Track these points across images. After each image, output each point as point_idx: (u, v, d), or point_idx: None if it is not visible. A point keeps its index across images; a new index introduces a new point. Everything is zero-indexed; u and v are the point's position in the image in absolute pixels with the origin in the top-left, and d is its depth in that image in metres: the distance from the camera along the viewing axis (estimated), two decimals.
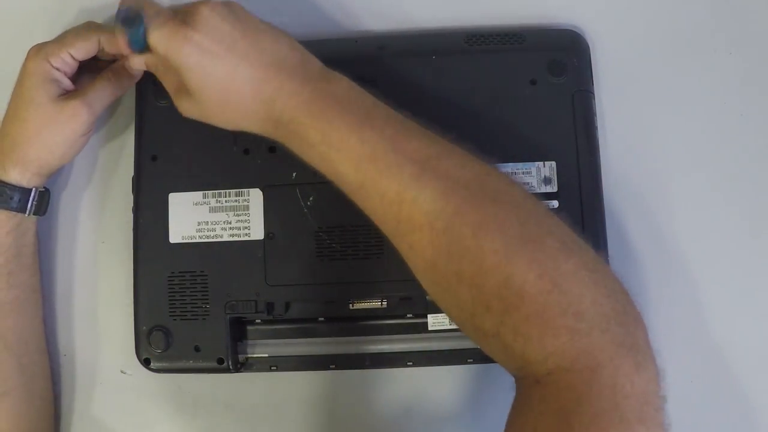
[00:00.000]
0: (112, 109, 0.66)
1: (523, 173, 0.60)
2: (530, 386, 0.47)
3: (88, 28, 0.61)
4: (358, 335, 0.61)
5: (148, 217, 0.62)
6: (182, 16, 0.53)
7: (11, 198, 0.60)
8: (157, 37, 0.52)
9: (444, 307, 0.51)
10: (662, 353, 0.62)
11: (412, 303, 0.60)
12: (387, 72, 0.61)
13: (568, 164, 0.60)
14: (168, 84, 0.56)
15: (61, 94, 0.60)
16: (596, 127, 0.61)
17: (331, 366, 0.61)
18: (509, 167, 0.60)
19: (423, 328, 0.60)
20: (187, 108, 0.55)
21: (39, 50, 0.60)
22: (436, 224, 0.48)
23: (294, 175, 0.61)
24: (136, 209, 0.62)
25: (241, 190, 0.61)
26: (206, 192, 0.61)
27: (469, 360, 0.61)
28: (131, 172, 0.62)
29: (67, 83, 0.60)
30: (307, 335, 0.61)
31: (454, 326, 0.60)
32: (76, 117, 0.60)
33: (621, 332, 0.46)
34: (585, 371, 0.45)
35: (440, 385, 0.63)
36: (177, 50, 0.52)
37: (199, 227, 0.61)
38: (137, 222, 0.62)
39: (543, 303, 0.46)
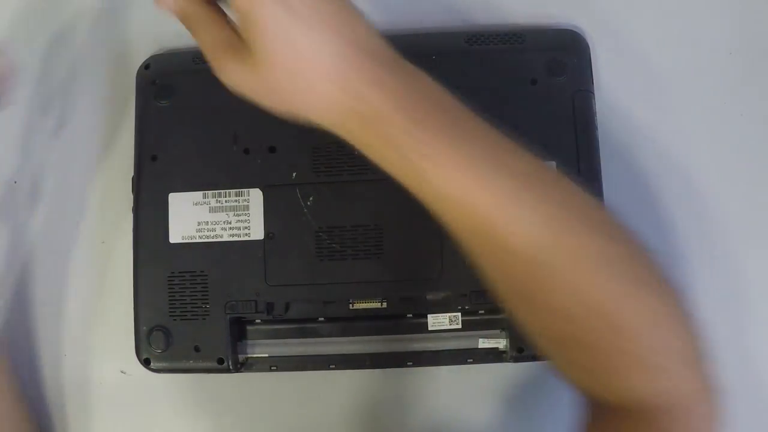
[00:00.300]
0: (112, 109, 0.66)
1: None
2: (612, 417, 0.46)
3: None
4: (358, 335, 0.61)
5: (148, 217, 0.61)
6: None
7: None
8: None
9: (524, 324, 0.47)
10: None
11: (412, 303, 0.60)
12: None
13: (567, 164, 0.60)
14: (211, 41, 0.46)
15: None
16: (596, 127, 0.61)
17: (331, 366, 0.61)
18: None
19: (423, 328, 0.60)
20: (238, 75, 0.45)
21: None
22: (531, 250, 0.43)
23: (294, 175, 0.61)
24: (136, 209, 0.62)
25: (241, 190, 0.61)
26: (206, 192, 0.61)
27: (469, 360, 0.61)
28: (131, 172, 0.62)
29: None
30: (307, 335, 0.61)
31: (454, 326, 0.60)
32: None
33: (706, 375, 0.45)
34: (673, 411, 0.44)
35: (440, 385, 0.63)
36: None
37: (199, 227, 0.61)
38: (137, 222, 0.62)
39: (640, 340, 0.44)
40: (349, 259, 0.60)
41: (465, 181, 0.44)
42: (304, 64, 0.43)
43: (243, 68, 0.45)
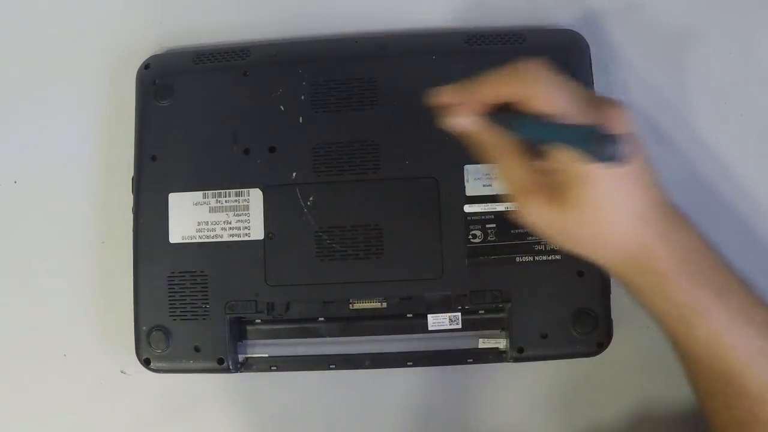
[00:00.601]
0: (112, 109, 0.66)
1: None
2: None
3: None
4: (358, 335, 0.61)
5: (148, 217, 0.61)
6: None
7: None
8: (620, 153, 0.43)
9: None
10: (661, 354, 0.63)
11: (412, 303, 0.60)
12: (387, 72, 0.61)
13: None
14: (520, 179, 0.49)
15: None
16: None
17: (331, 366, 0.61)
18: None
19: (423, 328, 0.60)
20: (542, 215, 0.49)
21: None
22: (762, 393, 0.49)
23: (294, 175, 0.61)
24: (136, 209, 0.62)
25: (241, 190, 0.61)
26: (206, 192, 0.61)
27: (468, 360, 0.61)
28: (131, 172, 0.62)
29: None
30: (307, 335, 0.61)
31: (453, 326, 0.60)
32: None
33: None
34: None
35: (440, 385, 0.63)
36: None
37: (199, 227, 0.61)
38: (137, 222, 0.62)
39: None
40: (349, 259, 0.60)
41: (727, 333, 0.49)
42: (612, 219, 0.48)
43: (549, 210, 0.49)
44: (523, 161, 0.49)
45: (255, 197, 0.61)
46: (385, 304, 0.60)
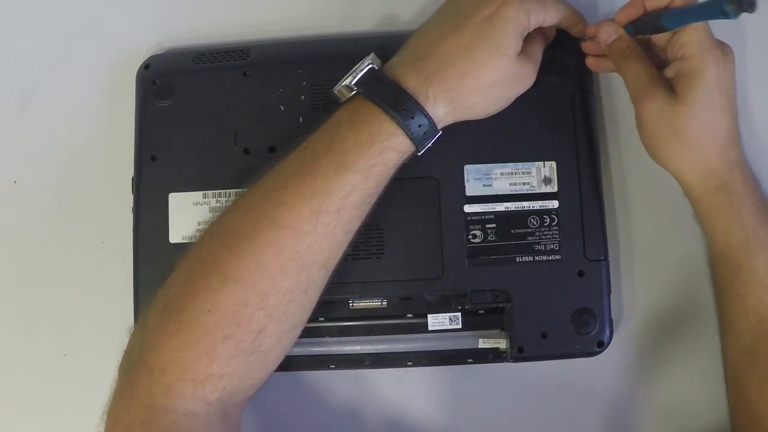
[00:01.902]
0: (111, 109, 0.66)
1: (523, 173, 0.60)
2: None
3: (561, 2, 0.58)
4: (358, 335, 0.61)
5: (148, 217, 0.61)
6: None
7: (425, 133, 0.54)
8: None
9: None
10: (661, 354, 0.63)
11: (412, 303, 0.60)
12: None
13: (568, 164, 0.60)
14: (640, 75, 0.56)
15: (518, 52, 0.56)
16: (596, 127, 0.61)
17: (331, 366, 0.61)
18: (509, 167, 0.60)
19: (423, 328, 0.60)
20: (655, 109, 0.56)
21: (522, 2, 0.55)
22: None
23: None
24: (136, 209, 0.62)
25: (241, 190, 0.61)
26: (206, 192, 0.61)
27: (468, 360, 0.61)
28: (131, 172, 0.62)
29: (520, 45, 0.56)
30: (308, 335, 0.61)
31: (454, 326, 0.60)
32: (526, 81, 0.57)
33: None
34: None
35: (440, 385, 0.63)
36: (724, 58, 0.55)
37: (200, 227, 0.61)
38: (137, 222, 0.62)
39: None
40: (349, 259, 0.60)
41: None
42: (713, 127, 0.55)
43: (663, 106, 0.55)
44: (648, 63, 0.57)
45: None
46: (385, 304, 0.60)
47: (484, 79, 0.54)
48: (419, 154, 0.56)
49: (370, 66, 0.55)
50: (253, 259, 0.52)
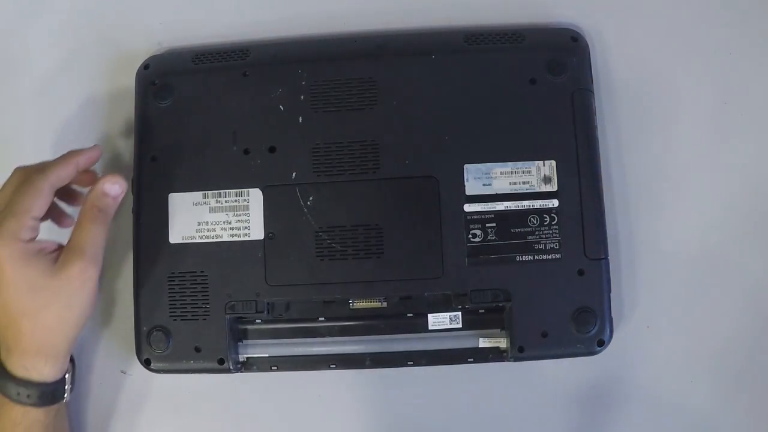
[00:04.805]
0: (111, 109, 0.66)
1: (522, 172, 0.60)
2: None
3: (36, 180, 0.56)
4: (358, 335, 0.61)
5: (148, 217, 0.61)
6: None
7: (51, 394, 0.56)
8: None
9: None
10: (661, 354, 0.63)
11: (412, 302, 0.60)
12: (386, 71, 0.61)
13: (567, 163, 0.60)
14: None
15: (51, 259, 0.55)
16: (596, 126, 0.61)
17: (331, 366, 0.61)
18: (509, 166, 0.60)
19: (423, 327, 0.60)
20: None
21: (2, 234, 0.53)
22: None
23: (294, 175, 0.61)
24: (136, 209, 0.62)
25: (240, 190, 0.61)
26: (206, 192, 0.61)
27: (469, 359, 0.61)
28: (131, 172, 0.62)
29: (48, 244, 0.56)
30: (308, 335, 0.61)
31: (454, 326, 0.60)
32: (86, 278, 0.55)
33: None
34: None
35: (440, 385, 0.63)
36: None
37: (199, 227, 0.61)
38: (137, 222, 0.62)
39: None
40: (349, 259, 0.60)
41: None
42: None
43: None
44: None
45: (255, 197, 0.61)
46: (385, 304, 0.60)
47: (48, 321, 0.54)
48: (65, 401, 0.58)
49: None
50: None
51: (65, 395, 0.58)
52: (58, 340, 0.56)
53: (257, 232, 0.61)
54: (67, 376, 0.58)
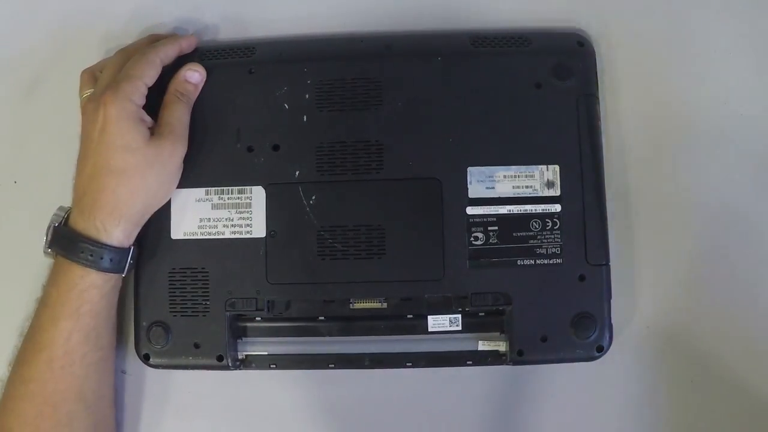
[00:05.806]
0: None
1: (526, 176, 0.60)
2: None
3: (148, 53, 0.60)
4: (358, 335, 0.61)
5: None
6: None
7: (111, 260, 0.57)
8: None
9: None
10: (661, 355, 0.63)
11: (413, 304, 0.60)
12: (392, 72, 0.61)
13: (571, 168, 0.60)
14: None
15: (149, 131, 0.58)
16: (600, 132, 0.61)
17: (330, 365, 0.61)
18: (512, 170, 0.60)
19: (423, 329, 0.60)
20: None
21: (116, 92, 0.57)
22: None
23: (297, 173, 0.61)
24: None
25: (243, 187, 0.61)
26: (209, 189, 0.61)
27: (468, 362, 0.61)
28: None
29: (148, 119, 0.59)
30: (307, 334, 0.61)
31: (453, 328, 0.60)
32: (175, 153, 0.59)
33: None
34: None
35: (439, 386, 0.63)
36: None
37: (201, 224, 0.61)
38: None
39: None
40: (350, 259, 0.60)
41: None
42: None
43: None
44: None
45: (258, 195, 0.61)
46: (385, 305, 0.60)
47: (134, 182, 0.57)
48: (123, 275, 0.59)
49: (55, 225, 0.59)
50: (13, 414, 0.58)
51: (125, 269, 0.58)
52: (136, 203, 0.58)
53: (259, 230, 0.61)
54: (132, 249, 0.58)
